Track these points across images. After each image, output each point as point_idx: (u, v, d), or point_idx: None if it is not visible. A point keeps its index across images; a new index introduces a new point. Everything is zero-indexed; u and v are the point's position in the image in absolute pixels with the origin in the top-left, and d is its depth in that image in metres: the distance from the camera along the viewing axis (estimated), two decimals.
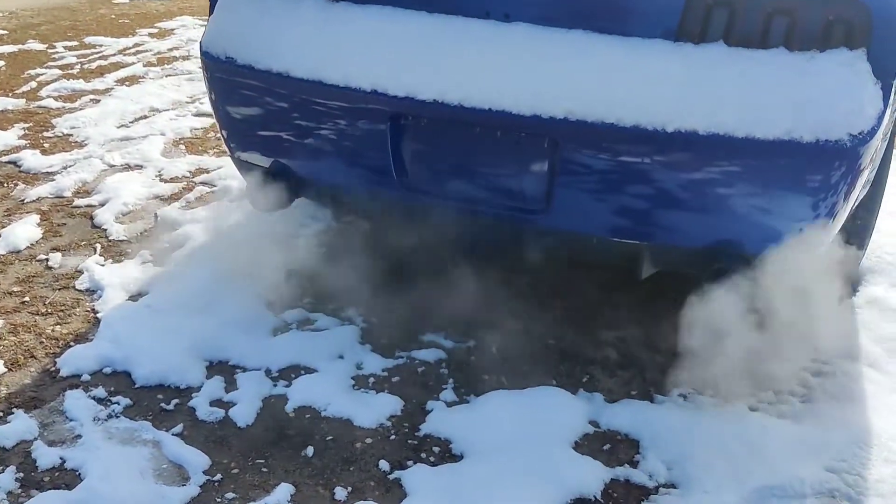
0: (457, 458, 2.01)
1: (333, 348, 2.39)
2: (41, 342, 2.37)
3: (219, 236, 2.95)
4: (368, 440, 2.06)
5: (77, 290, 2.65)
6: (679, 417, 2.15)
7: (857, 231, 2.49)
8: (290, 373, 2.29)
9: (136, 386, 2.21)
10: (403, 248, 2.56)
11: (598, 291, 2.69)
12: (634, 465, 2.01)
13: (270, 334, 2.46)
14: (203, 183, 3.48)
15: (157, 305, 2.51)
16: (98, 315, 2.50)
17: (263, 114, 2.34)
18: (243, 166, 2.56)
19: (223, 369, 2.29)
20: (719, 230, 2.05)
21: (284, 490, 1.87)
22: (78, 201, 3.26)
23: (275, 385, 2.24)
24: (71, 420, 2.06)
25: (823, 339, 2.47)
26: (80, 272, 2.74)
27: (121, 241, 2.98)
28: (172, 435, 2.04)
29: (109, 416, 2.09)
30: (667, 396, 2.26)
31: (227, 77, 2.35)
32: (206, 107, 4.38)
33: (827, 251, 2.20)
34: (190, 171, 3.59)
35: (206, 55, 2.38)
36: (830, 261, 2.24)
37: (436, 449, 2.04)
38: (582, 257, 2.29)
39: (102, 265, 2.78)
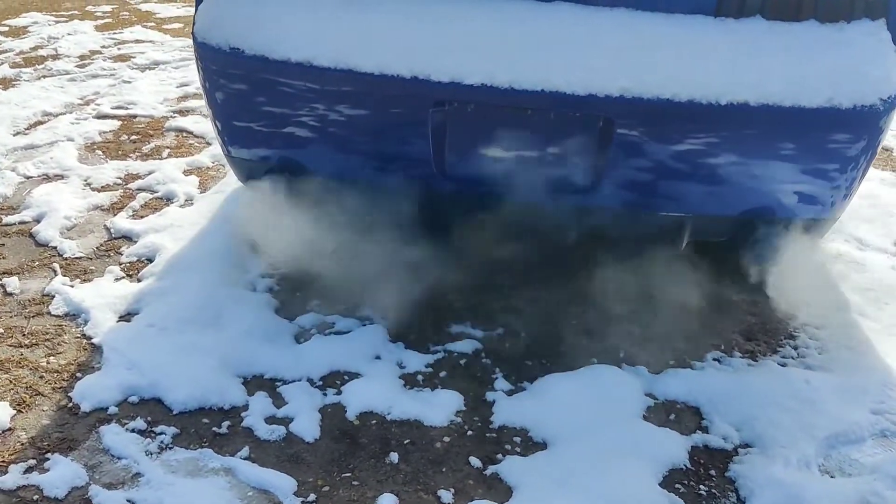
0: (541, 445, 1.99)
1: (367, 350, 2.28)
2: (41, 377, 2.10)
3: (192, 244, 2.74)
4: (447, 438, 1.99)
5: (54, 315, 2.37)
6: (726, 381, 2.23)
7: None
8: (335, 379, 2.17)
9: (175, 412, 2.01)
10: (407, 240, 2.50)
11: (601, 269, 2.73)
12: (705, 430, 2.07)
13: (294, 342, 2.31)
14: (141, 189, 3.21)
15: (161, 324, 2.29)
16: (93, 341, 2.25)
17: (275, 107, 2.18)
18: (243, 164, 2.39)
19: (262, 384, 2.13)
20: (758, 198, 2.14)
21: (388, 501, 1.77)
22: (7, 218, 2.91)
23: (324, 394, 2.11)
24: (120, 458, 1.85)
25: (813, 295, 2.66)
26: (50, 296, 2.45)
27: (78, 258, 2.69)
28: (241, 459, 1.87)
29: (162, 449, 1.89)
30: (703, 362, 2.34)
31: (231, 69, 2.17)
32: (105, 108, 4.06)
33: None
34: (120, 178, 3.30)
35: (203, 46, 2.19)
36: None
37: (517, 439, 2.00)
38: (625, 232, 2.32)
39: (72, 286, 2.50)
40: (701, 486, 1.89)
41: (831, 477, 1.93)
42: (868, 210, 3.31)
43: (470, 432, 2.01)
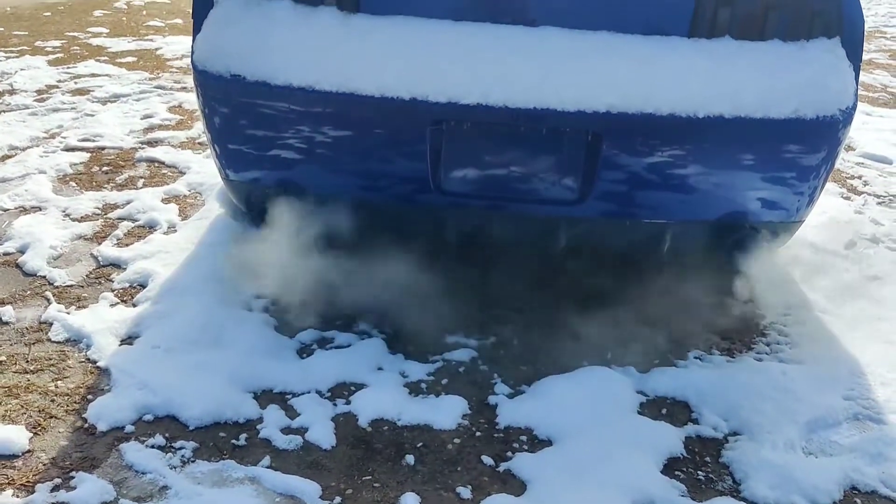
0: (547, 442, 2.09)
1: (369, 362, 2.36)
2: (52, 400, 2.13)
3: (184, 269, 2.79)
4: (457, 440, 2.08)
5: (55, 341, 2.39)
6: (709, 376, 2.38)
7: None
8: (342, 390, 2.24)
9: (192, 428, 2.06)
10: (398, 256, 2.60)
11: (582, 277, 2.87)
12: (696, 422, 2.21)
13: (298, 357, 2.38)
14: (122, 218, 3.24)
15: (166, 345, 2.34)
16: (99, 364, 2.28)
17: (277, 131, 2.26)
18: (242, 188, 2.46)
19: (272, 398, 2.20)
20: (732, 204, 2.31)
21: (411, 500, 1.86)
22: None
23: (334, 404, 2.18)
24: (145, 473, 1.89)
25: (777, 296, 2.84)
26: (48, 323, 2.47)
27: (69, 286, 2.71)
28: (264, 468, 1.93)
29: (184, 462, 1.94)
30: (686, 360, 2.48)
31: (232, 96, 2.26)
32: (73, 141, 4.08)
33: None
34: (99, 208, 3.32)
35: (203, 74, 2.27)
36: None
37: (523, 438, 2.11)
38: (611, 241, 2.45)
39: (68, 313, 2.52)
40: (699, 472, 2.02)
41: (815, 457, 2.08)
42: (817, 217, 3.53)
43: (478, 433, 2.11)
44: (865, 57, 7.19)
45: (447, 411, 2.17)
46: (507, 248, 2.74)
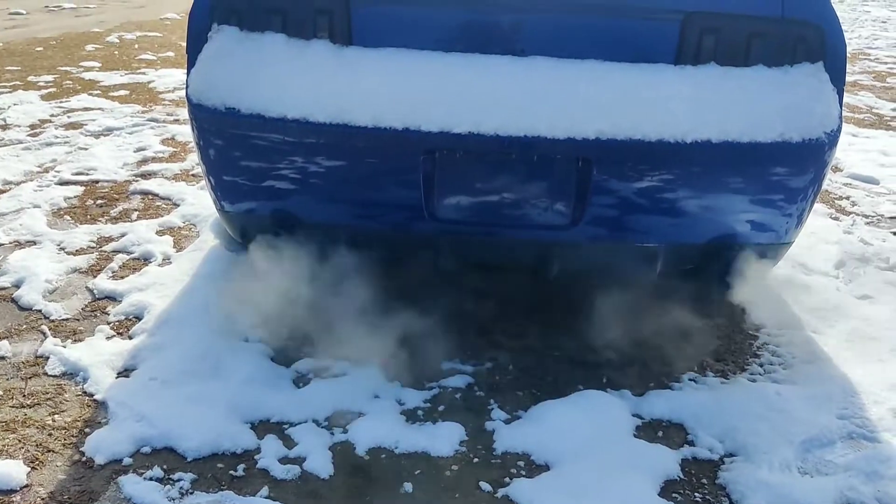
0: (544, 467, 2.10)
1: (366, 390, 2.37)
2: (49, 434, 2.13)
3: (179, 301, 2.80)
4: (455, 467, 2.09)
5: (52, 375, 2.39)
6: (704, 398, 2.40)
7: None
8: (339, 419, 2.25)
9: (190, 459, 2.06)
10: (391, 284, 2.62)
11: (574, 302, 2.89)
12: (692, 444, 2.22)
13: (294, 386, 2.39)
14: (117, 251, 3.25)
15: (162, 377, 2.34)
16: (96, 397, 2.28)
17: (272, 162, 2.29)
18: (237, 219, 2.48)
19: (270, 427, 2.20)
20: (721, 226, 2.34)
21: None
22: None
23: (332, 433, 2.19)
24: None
25: (769, 316, 2.87)
26: (44, 357, 2.48)
27: (65, 319, 2.72)
28: (263, 498, 1.93)
29: (183, 494, 1.94)
30: (681, 382, 2.50)
31: (227, 128, 2.28)
32: (66, 175, 4.10)
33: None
34: (94, 241, 3.34)
35: (198, 107, 2.29)
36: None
37: (521, 463, 2.12)
38: (603, 264, 2.48)
39: (64, 346, 2.53)
40: (696, 494, 2.03)
41: (811, 477, 2.09)
42: (806, 238, 3.57)
43: (476, 460, 2.12)
44: (850, 79, 7.30)
45: (444, 438, 2.18)
46: (499, 274, 2.76)
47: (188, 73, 2.37)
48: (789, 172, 2.27)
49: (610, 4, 2.25)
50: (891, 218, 4.02)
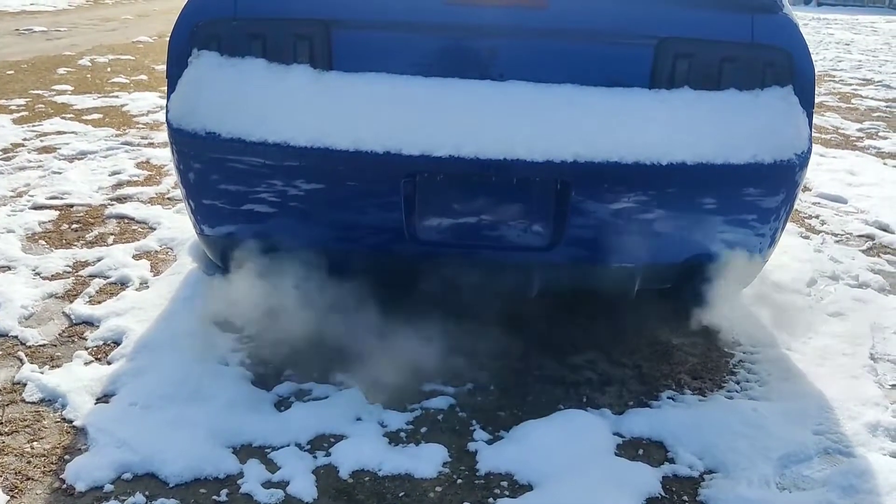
0: (528, 487, 2.12)
1: (348, 412, 2.38)
2: (28, 462, 2.11)
3: (158, 325, 2.79)
4: (439, 488, 2.09)
5: (29, 402, 2.37)
6: (682, 415, 2.43)
7: None
8: (322, 442, 2.25)
9: (172, 485, 2.05)
10: (370, 306, 2.64)
11: (552, 323, 2.92)
12: (672, 461, 2.25)
13: (276, 410, 2.39)
14: (93, 276, 3.23)
15: (143, 402, 2.33)
16: (75, 424, 2.26)
17: (253, 186, 2.30)
18: (217, 242, 2.48)
19: (252, 452, 2.20)
20: (697, 246, 2.39)
21: None
22: None
23: (314, 457, 2.19)
24: None
25: (743, 334, 2.92)
26: (21, 384, 2.45)
27: (42, 345, 2.69)
28: None
29: None
30: (659, 401, 2.53)
31: (207, 153, 2.29)
32: (40, 199, 4.07)
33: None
34: (69, 266, 3.31)
35: (178, 132, 2.30)
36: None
37: (504, 483, 2.13)
38: (582, 285, 2.51)
39: (42, 373, 2.51)
40: None
41: (789, 492, 2.12)
42: (778, 257, 3.63)
43: (459, 481, 2.13)
44: (816, 100, 7.44)
45: (427, 459, 2.19)
46: (478, 295, 2.78)
47: (168, 98, 2.38)
48: (762, 193, 2.32)
49: (585, 30, 2.30)
50: (859, 236, 4.11)
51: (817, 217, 4.38)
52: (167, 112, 2.35)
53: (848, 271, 3.62)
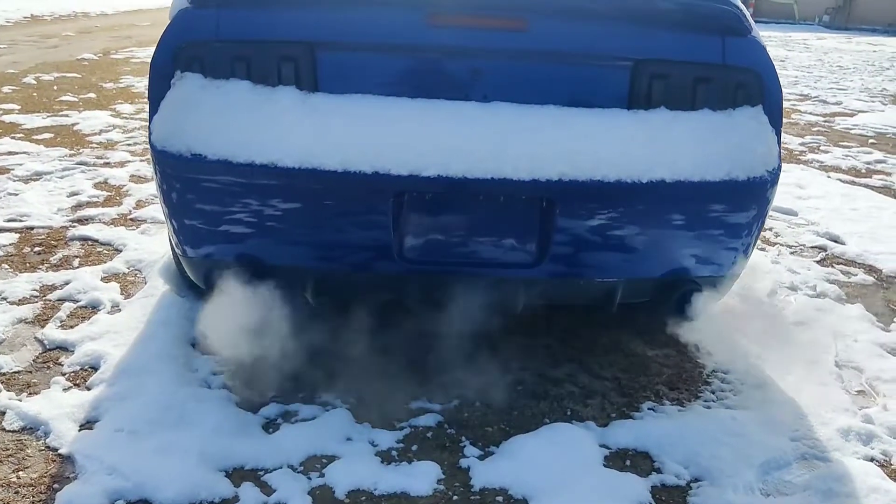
0: (523, 502, 2.15)
1: (337, 433, 2.38)
2: (16, 492, 2.06)
3: (136, 349, 2.75)
4: None
5: (10, 431, 2.32)
6: (665, 426, 2.49)
7: None
8: (314, 463, 2.25)
9: None
10: (350, 326, 2.65)
11: (529, 338, 2.97)
12: (659, 471, 2.31)
13: (265, 432, 2.38)
14: (62, 300, 3.17)
15: (129, 428, 2.30)
16: (61, 451, 2.22)
17: (240, 208, 2.30)
18: (201, 265, 2.47)
19: (245, 475, 2.19)
20: (675, 260, 2.46)
21: None
22: None
23: (308, 478, 2.19)
24: None
25: (714, 345, 3.01)
26: (0, 412, 2.39)
27: (16, 372, 2.63)
28: None
29: None
30: (640, 412, 2.59)
31: (192, 175, 2.28)
32: None
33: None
34: (36, 290, 3.24)
35: (163, 154, 2.29)
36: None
37: (499, 499, 2.16)
38: (565, 300, 2.56)
39: (20, 400, 2.46)
40: None
41: (773, 498, 2.20)
42: None
43: (455, 497, 2.15)
44: None
45: (422, 477, 2.21)
46: (464, 312, 2.80)
47: (150, 120, 2.36)
48: (736, 209, 2.40)
49: (565, 52, 2.35)
50: (812, 247, 4.26)
51: (771, 230, 4.53)
52: (150, 134, 2.34)
53: (805, 282, 3.76)
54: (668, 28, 2.40)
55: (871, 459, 2.39)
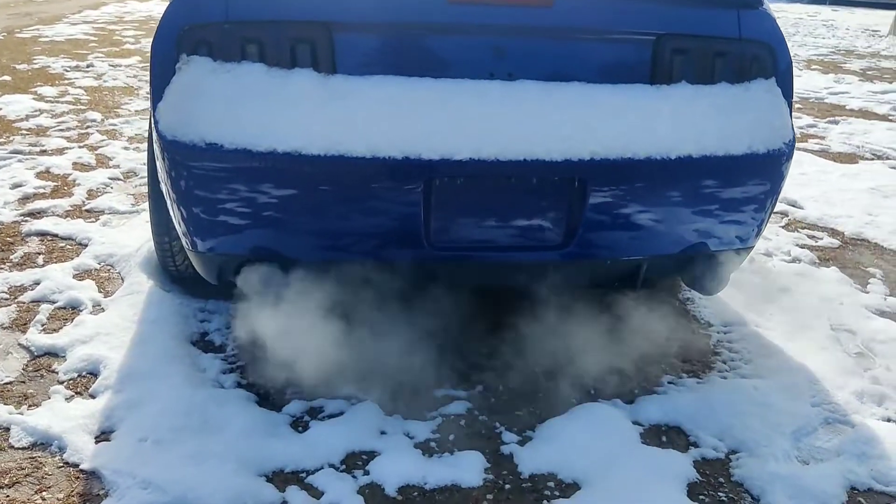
0: (575, 486, 2.13)
1: (370, 427, 2.31)
2: None
3: (134, 351, 2.60)
4: (490, 496, 2.07)
5: (19, 448, 2.15)
6: (690, 398, 2.51)
7: None
8: (355, 461, 2.17)
9: None
10: (363, 315, 2.57)
11: (536, 320, 2.93)
12: (696, 445, 2.33)
13: (295, 431, 2.29)
14: (37, 301, 2.96)
15: (153, 437, 2.16)
16: (82, 467, 2.08)
17: (259, 198, 2.18)
18: (214, 259, 2.34)
19: (287, 478, 2.09)
20: (697, 235, 2.47)
21: None
22: None
23: (354, 477, 2.11)
24: None
25: (712, 315, 3.06)
26: (3, 428, 2.22)
27: (8, 383, 2.45)
28: None
29: None
30: (662, 386, 2.61)
31: (208, 164, 2.14)
32: None
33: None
34: (6, 292, 3.02)
35: (174, 143, 2.14)
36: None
37: (551, 484, 2.13)
38: (592, 280, 2.53)
39: (21, 413, 2.28)
40: (720, 493, 2.13)
41: (811, 465, 2.25)
42: None
43: (507, 486, 2.11)
44: None
45: (468, 467, 2.16)
46: (458, 296, 2.75)
47: (154, 108, 2.21)
48: (756, 182, 2.42)
49: (589, 28, 2.31)
50: (774, 213, 4.37)
51: None
52: (156, 123, 2.18)
53: (778, 247, 3.86)
54: (686, 2, 2.38)
55: (888, 420, 2.47)
